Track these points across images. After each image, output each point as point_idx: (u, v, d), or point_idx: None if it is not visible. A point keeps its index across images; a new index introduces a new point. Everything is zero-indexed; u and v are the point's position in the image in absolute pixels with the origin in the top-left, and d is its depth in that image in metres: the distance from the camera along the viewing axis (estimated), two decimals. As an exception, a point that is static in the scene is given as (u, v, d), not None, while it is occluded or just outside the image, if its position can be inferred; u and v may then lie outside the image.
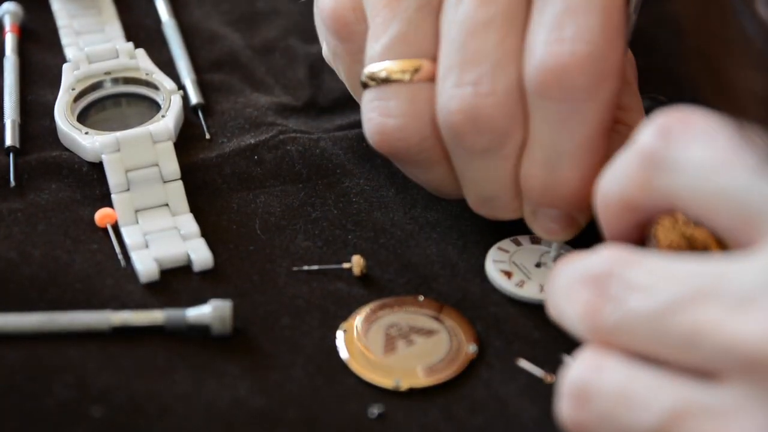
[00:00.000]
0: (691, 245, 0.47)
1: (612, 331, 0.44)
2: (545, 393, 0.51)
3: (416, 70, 0.53)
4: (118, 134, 0.59)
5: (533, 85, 0.51)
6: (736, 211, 0.44)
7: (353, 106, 0.64)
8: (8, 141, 0.61)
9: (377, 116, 0.54)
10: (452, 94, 0.52)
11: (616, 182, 0.48)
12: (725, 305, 0.42)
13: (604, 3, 0.51)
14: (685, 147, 0.45)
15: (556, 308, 0.47)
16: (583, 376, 0.45)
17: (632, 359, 0.44)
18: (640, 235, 0.49)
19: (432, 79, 0.53)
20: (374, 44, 0.54)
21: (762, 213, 0.43)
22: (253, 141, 0.62)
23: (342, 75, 0.58)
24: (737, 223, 0.44)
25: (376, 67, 0.54)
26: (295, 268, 0.56)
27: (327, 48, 0.59)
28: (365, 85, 0.54)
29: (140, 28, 0.69)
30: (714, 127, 0.45)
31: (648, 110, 0.56)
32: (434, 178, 0.56)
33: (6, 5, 0.68)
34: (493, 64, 0.51)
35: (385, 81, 0.53)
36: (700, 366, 0.43)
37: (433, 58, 0.53)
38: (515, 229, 0.58)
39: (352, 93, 0.58)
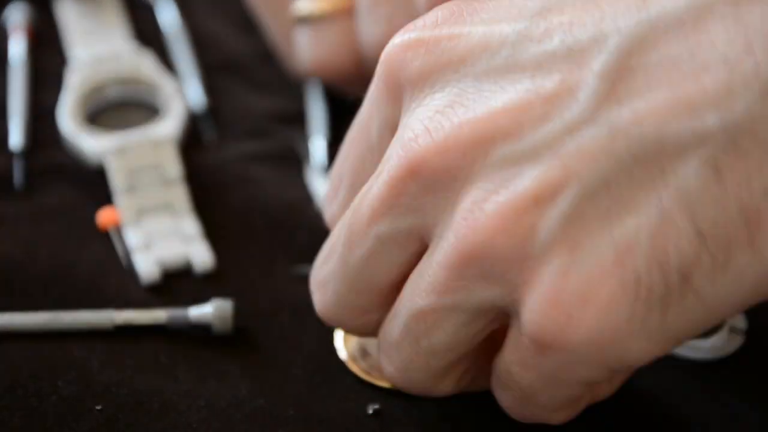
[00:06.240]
0: None
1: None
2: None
3: None
4: (122, 137, 0.59)
5: None
6: None
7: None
8: (14, 144, 0.61)
9: None
10: None
11: None
12: None
13: None
14: None
15: None
16: None
17: None
18: None
19: None
20: None
21: None
22: (257, 147, 0.62)
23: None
24: None
25: None
26: (294, 271, 0.56)
27: None
28: None
29: (145, 32, 0.69)
30: None
31: None
32: None
33: (13, 8, 0.69)
34: None
35: None
36: None
37: None
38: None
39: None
